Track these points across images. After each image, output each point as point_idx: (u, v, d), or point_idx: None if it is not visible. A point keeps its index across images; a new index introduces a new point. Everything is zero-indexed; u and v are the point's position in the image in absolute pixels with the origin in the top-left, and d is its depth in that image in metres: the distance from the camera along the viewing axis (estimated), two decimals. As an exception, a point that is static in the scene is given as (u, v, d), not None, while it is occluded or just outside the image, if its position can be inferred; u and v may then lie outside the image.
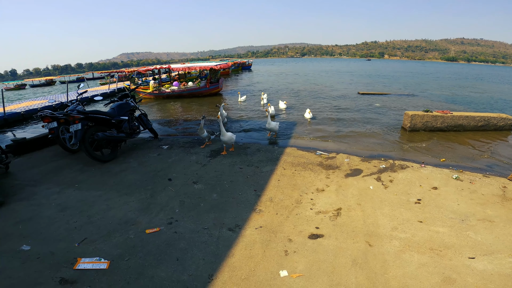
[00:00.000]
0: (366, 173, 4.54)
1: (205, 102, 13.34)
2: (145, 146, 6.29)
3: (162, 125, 8.95)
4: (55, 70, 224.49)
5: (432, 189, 3.94)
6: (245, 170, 4.72)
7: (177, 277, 2.40)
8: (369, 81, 23.07)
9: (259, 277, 2.39)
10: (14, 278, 2.40)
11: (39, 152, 6.02)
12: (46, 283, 2.34)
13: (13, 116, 11.09)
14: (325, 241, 2.85)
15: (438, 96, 14.33)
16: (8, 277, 2.42)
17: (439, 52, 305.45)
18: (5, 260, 2.63)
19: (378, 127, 7.95)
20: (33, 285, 2.33)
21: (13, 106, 13.87)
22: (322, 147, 6.15)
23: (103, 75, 41.83)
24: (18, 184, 4.35)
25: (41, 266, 2.54)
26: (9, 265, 2.56)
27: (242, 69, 43.27)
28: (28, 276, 2.43)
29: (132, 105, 6.22)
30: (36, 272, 2.46)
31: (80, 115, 4.91)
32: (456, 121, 7.22)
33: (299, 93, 15.39)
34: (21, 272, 2.48)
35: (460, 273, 2.39)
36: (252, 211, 3.44)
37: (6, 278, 2.40)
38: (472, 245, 2.75)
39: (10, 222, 3.28)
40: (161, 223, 3.21)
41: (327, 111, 10.35)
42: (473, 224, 3.10)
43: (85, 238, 2.95)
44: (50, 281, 2.36)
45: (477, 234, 2.92)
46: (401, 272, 2.41)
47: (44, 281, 2.37)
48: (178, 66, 16.16)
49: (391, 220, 3.20)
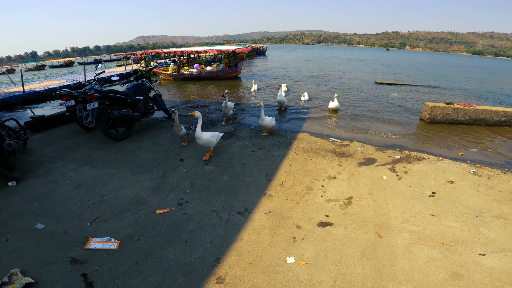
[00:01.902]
0: (380, 162, 4.44)
1: (222, 85, 13.32)
2: (158, 126, 6.36)
3: (177, 105, 8.98)
4: (74, 52, 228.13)
5: (448, 183, 3.82)
6: (256, 153, 4.70)
7: (185, 259, 2.43)
8: (387, 71, 22.36)
9: (266, 262, 2.40)
10: (27, 258, 2.44)
11: (57, 129, 6.19)
12: (58, 263, 2.38)
13: (33, 95, 11.37)
14: (334, 230, 2.82)
15: (460, 89, 13.74)
16: (21, 256, 2.46)
17: (465, 45, 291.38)
18: (19, 239, 2.68)
19: (395, 117, 7.74)
20: (45, 264, 2.37)
21: (33, 85, 14.23)
22: (335, 134, 6.04)
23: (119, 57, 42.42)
24: (35, 160, 4.48)
25: (54, 246, 2.59)
26: (23, 244, 2.61)
27: (257, 54, 42.77)
28: (40, 255, 2.47)
29: (147, 86, 6.29)
30: (49, 252, 2.51)
31: (97, 94, 5.00)
32: (478, 115, 6.93)
33: (312, 80, 15.08)
34: (34, 251, 2.52)
35: (468, 269, 2.33)
36: (262, 195, 3.44)
37: (19, 258, 2.44)
38: (484, 242, 2.68)
39: (26, 199, 3.36)
40: (171, 203, 3.25)
41: (343, 99, 10.12)
42: (487, 221, 3.01)
43: (97, 217, 3.01)
44: (61, 261, 2.40)
45: (490, 231, 2.83)
46: (409, 265, 2.38)
47: (55, 260, 2.41)
48: (197, 49, 16.12)
49: (403, 212, 3.14)
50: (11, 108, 10.08)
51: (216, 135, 4.53)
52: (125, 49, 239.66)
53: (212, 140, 4.35)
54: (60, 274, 2.26)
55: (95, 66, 7.60)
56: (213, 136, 4.40)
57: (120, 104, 5.43)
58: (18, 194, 3.49)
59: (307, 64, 26.49)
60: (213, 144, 4.39)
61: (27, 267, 2.33)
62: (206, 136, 4.28)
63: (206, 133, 4.31)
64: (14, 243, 2.62)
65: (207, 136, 4.30)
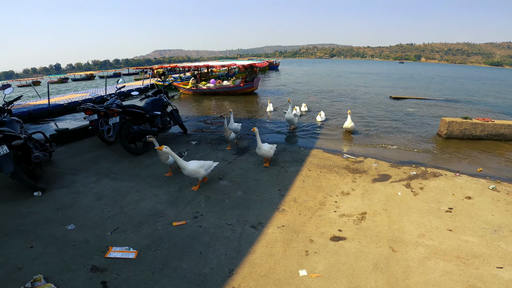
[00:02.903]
0: (395, 179, 4.42)
1: (238, 101, 13.58)
2: (175, 141, 6.55)
3: (194, 121, 9.22)
4: (95, 65, 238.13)
5: (465, 199, 3.77)
6: (270, 169, 4.77)
7: (199, 270, 2.49)
8: (401, 85, 22.17)
9: (278, 274, 2.43)
10: (50, 265, 2.54)
11: (79, 142, 6.48)
12: (79, 270, 2.47)
13: (57, 108, 11.94)
14: (347, 244, 2.83)
15: (479, 102, 13.46)
16: (44, 263, 2.56)
17: (483, 56, 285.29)
18: (43, 246, 2.80)
19: (410, 132, 7.67)
20: (66, 271, 2.46)
21: (57, 98, 14.93)
22: (349, 150, 6.05)
23: (137, 71, 43.94)
24: (59, 172, 4.71)
25: (76, 253, 2.69)
26: (46, 251, 2.72)
27: (270, 69, 43.33)
28: (63, 262, 2.58)
29: (165, 101, 6.51)
30: (71, 259, 2.61)
31: (119, 108, 5.23)
32: (498, 129, 6.78)
33: (327, 95, 15.14)
34: (57, 258, 2.63)
35: (485, 282, 2.31)
36: (275, 210, 3.49)
37: (42, 264, 2.54)
38: (502, 255, 2.64)
39: (51, 209, 3.54)
40: (187, 216, 3.35)
41: (356, 115, 10.12)
42: (506, 235, 2.96)
43: (117, 227, 3.13)
44: (82, 268, 2.49)
45: (508, 245, 2.79)
46: (423, 279, 2.36)
47: (76, 268, 2.50)
48: (213, 63, 16.53)
49: (418, 227, 3.11)
50: (35, 120, 10.59)
51: (207, 165, 3.99)
52: (142, 63, 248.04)
53: (199, 171, 3.83)
54: (81, 281, 2.35)
55: (116, 80, 7.97)
56: (201, 166, 3.88)
57: (139, 119, 5.64)
58: (43, 203, 3.67)
59: (321, 80, 26.62)
60: (200, 175, 3.87)
61: (50, 273, 2.43)
62: (191, 166, 3.79)
63: (193, 163, 3.85)
64: (38, 250, 2.74)
65: (193, 166, 3.80)
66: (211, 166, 4.08)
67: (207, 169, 3.98)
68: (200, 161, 3.95)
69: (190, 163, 3.82)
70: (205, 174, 3.97)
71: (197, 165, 3.84)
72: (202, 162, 3.94)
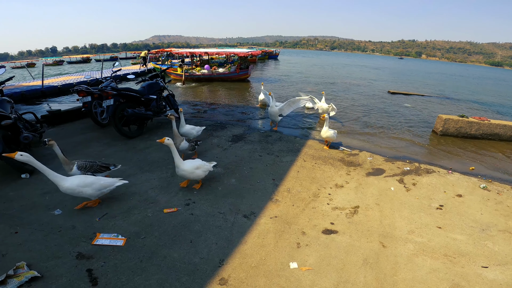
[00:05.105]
0: (389, 173, 4.41)
1: (233, 87, 13.49)
2: (170, 125, 6.45)
3: (188, 106, 9.10)
4: (92, 48, 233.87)
5: (456, 196, 3.79)
6: (265, 158, 4.73)
7: (189, 259, 2.46)
8: (400, 80, 22.11)
9: (269, 266, 2.42)
10: (35, 251, 2.46)
11: (71, 124, 6.36)
12: (64, 257, 2.40)
13: (50, 89, 11.68)
14: (338, 238, 2.83)
15: (477, 101, 13.48)
16: (29, 250, 2.48)
17: (484, 56, 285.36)
18: (28, 232, 2.71)
19: (406, 128, 7.66)
20: (51, 258, 2.39)
21: (52, 79, 14.62)
22: (345, 143, 6.02)
23: (135, 55, 43.16)
24: (49, 154, 4.60)
25: (62, 240, 2.61)
26: (32, 237, 2.63)
27: (269, 58, 42.93)
28: (48, 249, 2.50)
29: (161, 85, 6.41)
30: (56, 246, 2.53)
31: (113, 91, 5.12)
32: (493, 129, 6.80)
33: (324, 87, 15.04)
34: (42, 245, 2.54)
35: (469, 281, 2.35)
36: (268, 200, 3.47)
37: (26, 251, 2.46)
38: (488, 255, 2.68)
39: (39, 192, 3.43)
40: (179, 203, 3.30)
41: (354, 108, 10.07)
42: (493, 235, 3.00)
43: (106, 213, 3.06)
44: (68, 255, 2.42)
45: (495, 245, 2.83)
46: (410, 276, 2.38)
47: (62, 254, 2.43)
48: (208, 50, 16.40)
49: (409, 223, 3.12)
50: (29, 101, 10.38)
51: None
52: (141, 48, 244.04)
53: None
54: (66, 268, 2.28)
55: (112, 63, 7.82)
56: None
57: (134, 103, 5.54)
58: (30, 186, 3.58)
59: (320, 71, 26.44)
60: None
61: (34, 261, 2.35)
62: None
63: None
64: (23, 236, 2.65)
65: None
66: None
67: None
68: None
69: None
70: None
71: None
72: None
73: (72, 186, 2.88)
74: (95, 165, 3.37)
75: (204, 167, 3.54)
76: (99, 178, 3.10)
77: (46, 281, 2.17)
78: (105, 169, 3.47)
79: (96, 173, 3.35)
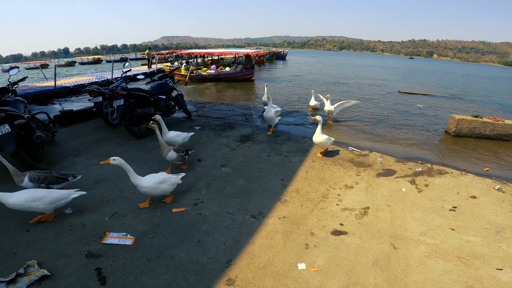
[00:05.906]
0: (400, 174, 4.33)
1: (240, 86, 13.58)
2: (178, 125, 6.50)
3: (195, 106, 9.14)
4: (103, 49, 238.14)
5: (470, 198, 3.69)
6: (273, 158, 4.71)
7: (197, 259, 2.46)
8: (411, 80, 21.75)
9: (277, 267, 2.40)
10: (45, 250, 2.49)
11: (83, 124, 6.46)
12: (74, 256, 2.43)
13: (63, 90, 11.92)
14: (348, 239, 2.78)
15: (490, 102, 13.14)
16: (39, 248, 2.51)
17: (497, 56, 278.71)
18: (39, 231, 2.75)
19: (418, 128, 7.51)
20: (61, 257, 2.41)
21: (64, 80, 14.91)
22: (354, 143, 5.94)
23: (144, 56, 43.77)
24: (61, 153, 4.69)
25: (72, 239, 2.64)
26: (42, 236, 2.67)
27: (277, 59, 42.89)
28: (58, 247, 2.52)
29: (171, 85, 6.48)
30: (66, 245, 2.56)
31: (124, 91, 5.19)
32: (507, 130, 6.60)
33: (333, 88, 14.91)
34: (52, 243, 2.57)
35: (483, 283, 2.28)
36: (277, 200, 3.44)
37: (37, 249, 2.49)
38: (503, 257, 2.60)
39: None
40: (187, 203, 3.31)
41: (364, 108, 9.94)
42: (508, 237, 2.91)
43: (116, 212, 3.09)
44: (77, 254, 2.45)
45: (510, 247, 2.76)
46: (422, 278, 2.32)
47: (72, 253, 2.45)
48: (216, 51, 16.56)
49: (421, 224, 3.05)
50: (42, 101, 10.61)
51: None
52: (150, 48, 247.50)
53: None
54: (75, 267, 2.30)
55: (122, 64, 7.93)
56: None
57: (144, 103, 5.60)
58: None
59: (330, 71, 26.25)
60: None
61: (44, 259, 2.38)
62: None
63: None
64: (34, 235, 2.69)
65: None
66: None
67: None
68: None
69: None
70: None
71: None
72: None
73: (19, 201, 2.59)
74: (50, 176, 3.12)
75: (171, 181, 3.18)
76: (51, 191, 2.83)
77: (56, 279, 2.18)
78: (62, 180, 3.20)
79: (52, 184, 3.12)
